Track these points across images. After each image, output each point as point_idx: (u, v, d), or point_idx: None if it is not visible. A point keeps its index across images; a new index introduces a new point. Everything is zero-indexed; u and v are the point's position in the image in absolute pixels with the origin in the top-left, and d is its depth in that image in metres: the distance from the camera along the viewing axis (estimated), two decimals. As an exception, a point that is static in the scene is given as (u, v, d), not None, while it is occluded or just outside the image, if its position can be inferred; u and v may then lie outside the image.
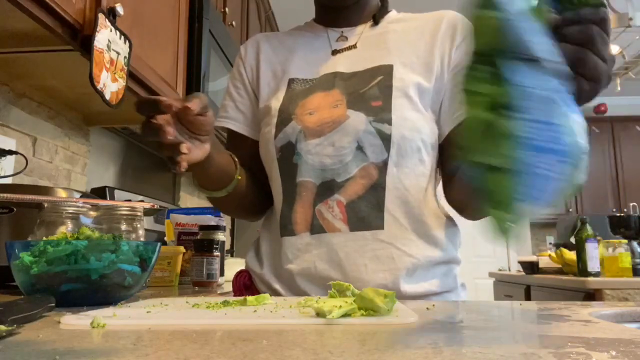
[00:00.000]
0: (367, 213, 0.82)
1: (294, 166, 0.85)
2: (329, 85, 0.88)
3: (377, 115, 0.83)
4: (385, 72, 0.87)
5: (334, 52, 0.94)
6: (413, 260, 0.83)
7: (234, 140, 0.99)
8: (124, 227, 0.82)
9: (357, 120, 0.83)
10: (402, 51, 0.90)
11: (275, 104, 0.90)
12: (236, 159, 0.88)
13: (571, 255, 2.67)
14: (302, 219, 0.84)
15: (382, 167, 0.83)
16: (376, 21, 0.96)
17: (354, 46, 0.94)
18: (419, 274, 0.84)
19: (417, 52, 0.90)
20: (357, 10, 0.97)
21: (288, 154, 0.86)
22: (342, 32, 0.97)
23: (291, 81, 0.93)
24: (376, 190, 0.82)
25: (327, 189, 0.83)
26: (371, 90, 0.86)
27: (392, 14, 0.98)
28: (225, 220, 1.66)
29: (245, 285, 0.95)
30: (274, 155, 0.88)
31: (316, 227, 0.83)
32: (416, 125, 0.84)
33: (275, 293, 0.87)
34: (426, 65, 0.88)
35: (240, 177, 0.87)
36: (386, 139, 0.82)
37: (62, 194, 1.08)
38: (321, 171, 0.84)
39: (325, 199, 0.83)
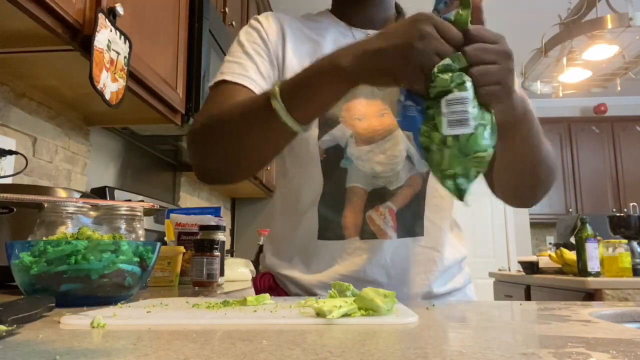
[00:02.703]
0: (411, 221, 0.86)
1: (343, 171, 0.85)
2: (369, 92, 0.85)
3: None
4: None
5: None
6: (445, 262, 0.89)
7: (238, 93, 0.85)
8: (124, 227, 0.82)
9: None
10: None
11: None
12: None
13: (571, 255, 2.67)
14: (351, 223, 0.85)
15: (426, 176, 0.86)
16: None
17: None
18: (448, 274, 0.90)
19: None
20: (378, 11, 0.94)
21: (335, 157, 0.84)
22: (368, 34, 0.91)
23: None
24: (418, 199, 0.86)
25: (378, 196, 0.85)
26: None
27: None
28: (225, 220, 1.66)
29: (270, 287, 0.93)
30: (316, 155, 0.85)
31: (366, 233, 0.85)
32: None
33: (311, 294, 0.86)
34: None
35: None
36: None
37: (62, 194, 1.08)
38: (372, 178, 0.85)
39: (376, 206, 0.84)
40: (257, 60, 0.88)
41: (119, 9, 1.24)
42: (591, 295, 2.32)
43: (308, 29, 0.94)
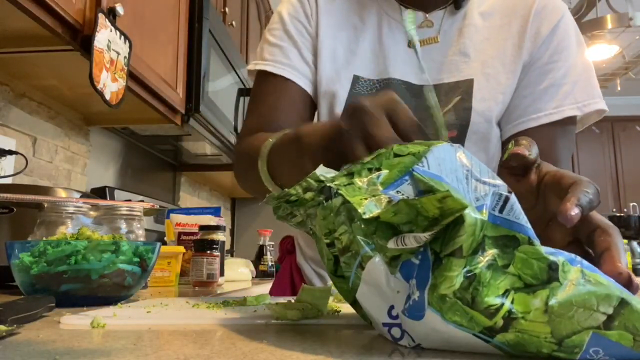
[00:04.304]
0: None
1: None
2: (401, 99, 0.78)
3: None
4: (464, 91, 0.76)
5: (410, 44, 0.79)
6: None
7: (287, 91, 0.82)
8: (124, 227, 0.82)
9: None
10: (485, 57, 0.77)
11: (337, 107, 0.79)
12: None
13: (571, 255, 2.67)
14: None
15: None
16: (458, 5, 0.79)
17: (435, 39, 0.79)
18: None
19: (504, 57, 0.77)
20: None
21: None
22: (426, 16, 0.80)
23: (356, 79, 0.79)
24: None
25: None
26: (447, 116, 0.75)
27: None
28: (225, 220, 1.66)
29: (289, 250, 1.00)
30: None
31: None
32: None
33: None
34: (512, 72, 0.77)
35: None
36: None
37: (62, 194, 1.08)
38: None
39: None
40: (299, 43, 0.82)
41: (119, 9, 1.24)
42: (591, 295, 2.32)
43: (349, 10, 0.84)
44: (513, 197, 0.35)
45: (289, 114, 0.80)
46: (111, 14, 1.23)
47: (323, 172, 0.44)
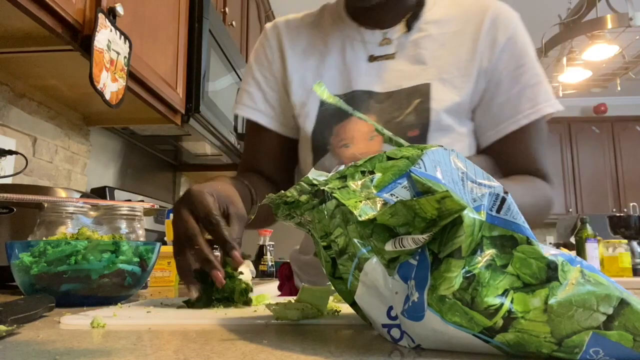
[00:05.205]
0: None
1: None
2: (364, 109, 0.82)
3: None
4: (422, 94, 0.81)
5: (371, 59, 0.86)
6: None
7: (259, 134, 0.93)
8: (124, 227, 0.82)
9: None
10: (440, 63, 0.83)
11: (309, 124, 0.85)
12: (254, 196, 0.81)
13: (571, 255, 2.67)
14: None
15: None
16: (410, 26, 0.86)
17: (392, 56, 0.85)
18: None
19: (458, 62, 0.83)
20: (390, 6, 0.86)
21: None
22: (384, 33, 0.87)
23: None
24: None
25: None
26: (408, 118, 0.80)
27: (429, 7, 0.87)
28: (225, 220, 1.65)
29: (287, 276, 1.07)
30: None
31: None
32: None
33: None
34: (467, 76, 0.82)
35: (252, 217, 0.81)
36: None
37: (62, 194, 1.08)
38: None
39: None
40: (264, 87, 0.92)
41: (119, 9, 1.24)
42: (591, 295, 2.32)
43: (313, 37, 0.92)
44: (510, 198, 0.35)
45: (262, 155, 0.93)
46: (111, 14, 1.23)
47: (315, 175, 0.44)
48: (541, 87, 0.83)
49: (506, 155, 0.83)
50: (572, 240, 2.64)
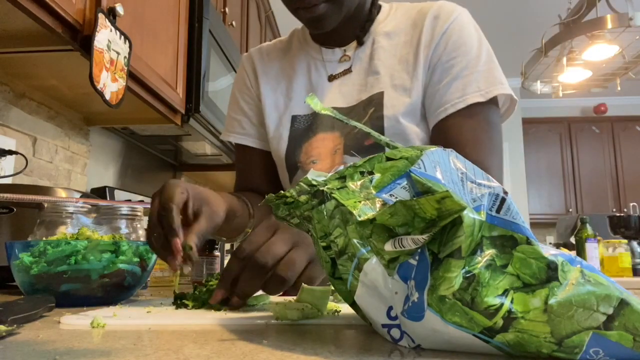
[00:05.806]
0: None
1: None
2: (330, 125, 0.89)
3: (370, 154, 0.83)
4: (376, 103, 0.86)
5: (331, 78, 0.93)
6: None
7: (250, 154, 1.01)
8: (124, 227, 0.82)
9: None
10: (392, 71, 0.88)
11: (282, 145, 0.92)
12: (251, 209, 0.86)
13: (571, 255, 2.67)
14: None
15: None
16: (360, 42, 0.92)
17: (349, 70, 0.92)
18: None
19: (407, 66, 0.87)
20: (346, 27, 0.91)
21: None
22: (344, 50, 0.93)
23: (294, 119, 0.93)
24: None
25: None
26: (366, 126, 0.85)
27: (381, 20, 0.93)
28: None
29: None
30: None
31: None
32: None
33: None
34: (415, 75, 0.86)
35: (249, 230, 0.86)
36: None
37: (62, 194, 1.08)
38: None
39: None
40: (247, 112, 1.01)
41: (119, 9, 1.24)
42: (591, 295, 2.32)
43: (283, 62, 0.99)
44: (509, 198, 0.35)
45: (255, 173, 1.01)
46: (111, 14, 1.23)
47: (314, 176, 0.44)
48: (477, 76, 0.83)
49: (443, 145, 0.84)
50: (572, 240, 2.64)
